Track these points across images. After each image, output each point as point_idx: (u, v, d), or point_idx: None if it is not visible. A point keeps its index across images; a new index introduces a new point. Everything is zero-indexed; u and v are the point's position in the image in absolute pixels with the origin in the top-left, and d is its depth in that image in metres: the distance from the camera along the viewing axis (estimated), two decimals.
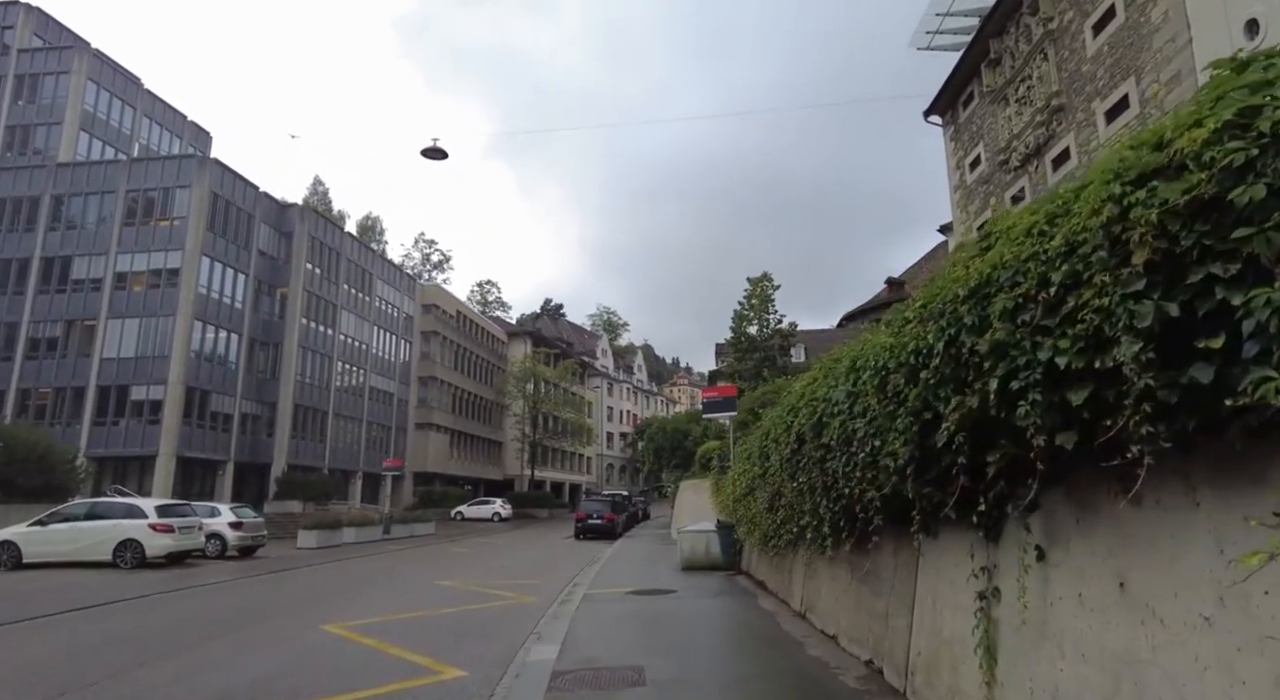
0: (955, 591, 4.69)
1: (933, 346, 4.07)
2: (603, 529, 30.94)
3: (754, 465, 11.60)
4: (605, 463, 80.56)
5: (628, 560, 19.35)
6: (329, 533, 27.25)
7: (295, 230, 41.12)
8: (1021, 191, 26.16)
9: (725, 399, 14.70)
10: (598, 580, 14.45)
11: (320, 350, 42.44)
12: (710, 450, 26.82)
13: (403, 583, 15.43)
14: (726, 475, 16.18)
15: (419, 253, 79.05)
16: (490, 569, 18.35)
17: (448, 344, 54.53)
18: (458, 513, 48.37)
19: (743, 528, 12.94)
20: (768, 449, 9.83)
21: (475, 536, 33.90)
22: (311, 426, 41.69)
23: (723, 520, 14.74)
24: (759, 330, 33.31)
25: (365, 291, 47.06)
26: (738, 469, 13.51)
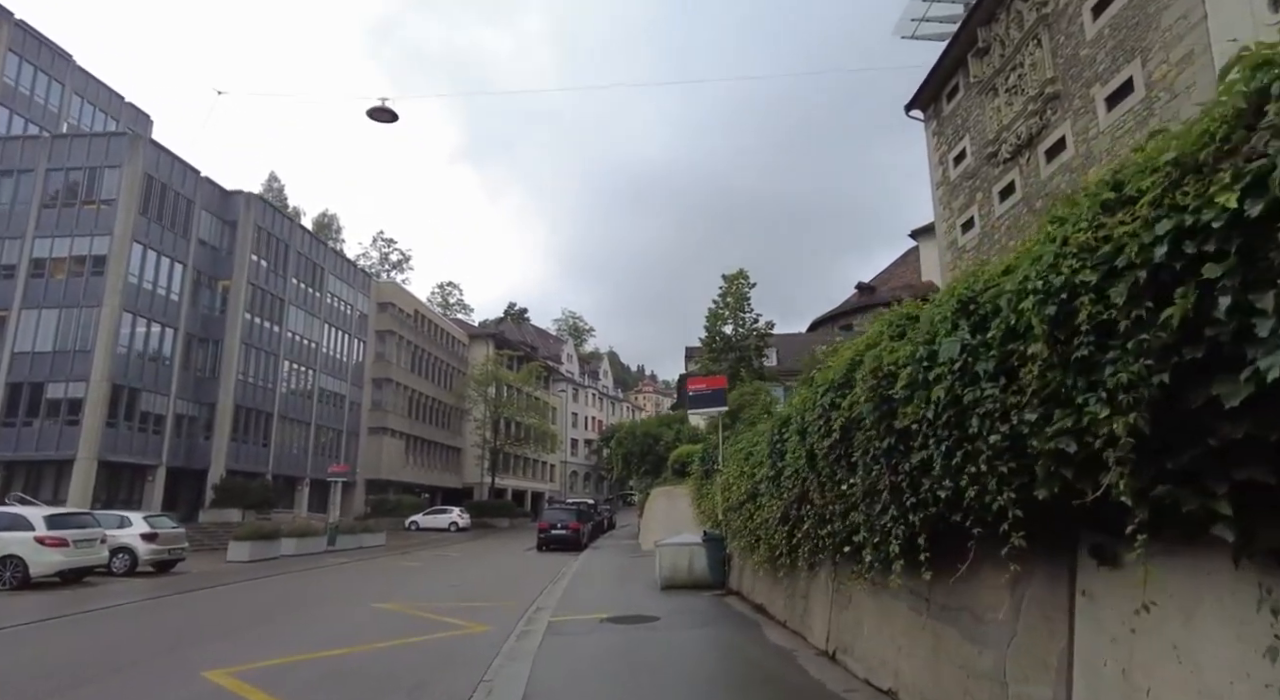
0: (1196, 659, 2.74)
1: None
2: (567, 540, 28.72)
3: (756, 467, 9.63)
4: (570, 470, 78.07)
5: (597, 576, 17.21)
6: (264, 544, 24.52)
7: (240, 219, 38.14)
8: (1011, 185, 24.86)
9: (715, 392, 12.75)
10: (564, 602, 12.30)
11: (265, 348, 39.43)
12: (686, 455, 24.82)
13: (334, 606, 13.07)
14: (713, 480, 14.21)
15: (377, 252, 76.02)
16: (440, 587, 16.05)
17: (404, 344, 51.72)
18: (412, 522, 45.55)
19: (739, 541, 10.94)
20: (783, 446, 7.86)
21: (429, 548, 31.34)
22: (254, 429, 38.61)
23: (710, 532, 12.73)
24: (734, 330, 31.57)
25: (316, 287, 44.14)
26: (731, 472, 11.54)
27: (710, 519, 14.20)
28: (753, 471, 9.87)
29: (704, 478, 15.14)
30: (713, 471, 14.33)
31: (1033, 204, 23.76)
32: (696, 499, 16.36)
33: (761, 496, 8.94)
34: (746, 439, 11.19)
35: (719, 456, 12.94)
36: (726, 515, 11.89)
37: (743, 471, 10.62)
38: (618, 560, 22.45)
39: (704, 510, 14.57)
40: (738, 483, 10.76)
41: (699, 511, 16.12)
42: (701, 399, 12.86)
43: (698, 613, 10.58)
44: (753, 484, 9.82)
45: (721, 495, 12.43)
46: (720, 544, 12.46)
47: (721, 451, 12.95)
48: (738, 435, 13.25)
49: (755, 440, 10.21)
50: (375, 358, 49.69)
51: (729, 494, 11.50)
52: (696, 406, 12.96)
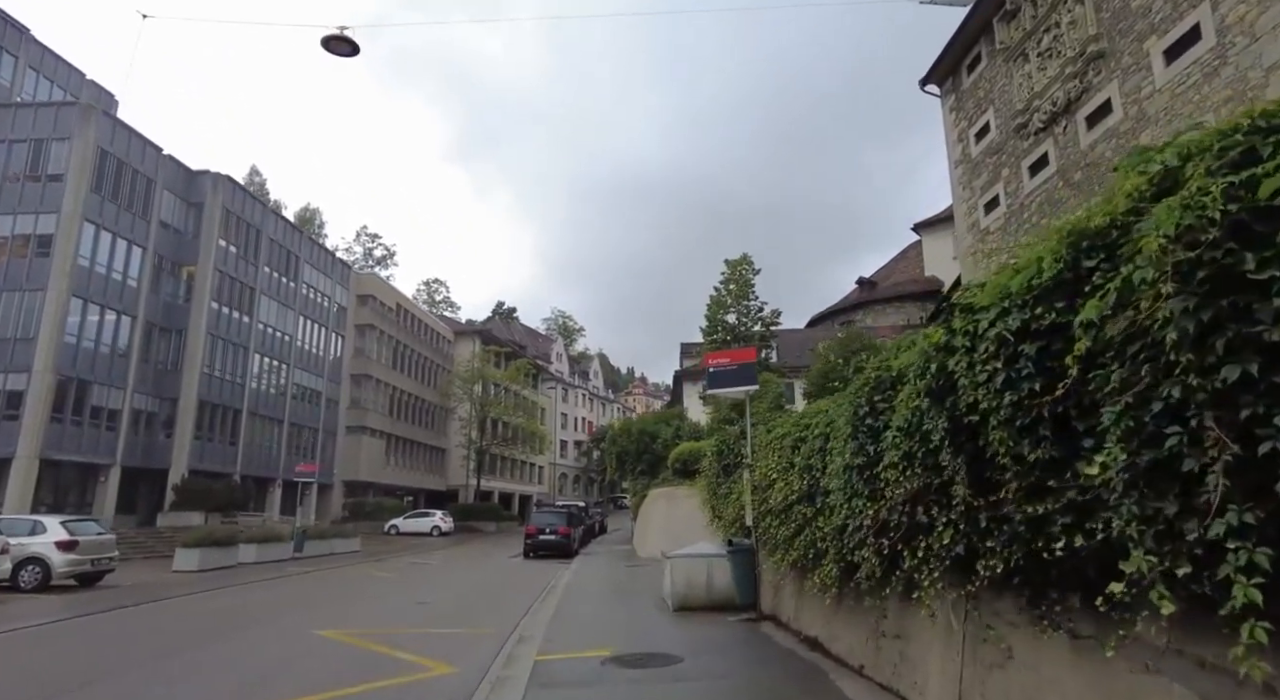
0: None
1: None
2: (557, 545, 26.07)
3: (813, 458, 7.11)
4: (559, 472, 75.27)
5: (592, 590, 14.61)
6: (217, 551, 21.71)
7: (206, 201, 35.24)
8: (1044, 157, 22.54)
9: (742, 367, 10.19)
10: (554, 629, 9.71)
11: (234, 340, 36.52)
12: (689, 452, 22.27)
13: (268, 633, 10.39)
14: (736, 478, 11.67)
15: (361, 247, 72.97)
16: (407, 606, 13.39)
17: (386, 339, 48.85)
18: (392, 526, 42.70)
19: (780, 554, 8.38)
20: (884, 418, 5.34)
21: (407, 555, 28.58)
22: (221, 427, 35.68)
23: (737, 541, 10.17)
24: (738, 318, 29.13)
25: (290, 276, 41.24)
26: (768, 467, 9.01)
27: (732, 525, 11.64)
28: (808, 463, 7.35)
29: (722, 476, 12.61)
30: (736, 467, 11.78)
31: (1070, 176, 21.46)
32: (710, 501, 13.82)
33: (832, 495, 6.40)
34: (791, 423, 8.66)
35: (748, 447, 10.39)
36: (762, 521, 9.36)
37: (790, 464, 8.09)
38: (614, 570, 19.85)
39: (724, 514, 12.03)
40: (782, 479, 8.22)
41: (714, 516, 13.58)
42: (725, 377, 10.31)
43: (732, 649, 8.02)
44: (808, 481, 7.30)
45: (751, 496, 9.88)
46: (750, 556, 9.91)
47: (751, 441, 10.40)
48: (770, 422, 10.72)
49: (812, 422, 7.69)
50: (354, 353, 46.79)
51: (766, 494, 8.97)
52: (719, 385, 10.41)
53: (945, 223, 47.36)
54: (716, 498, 13.05)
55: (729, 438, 12.72)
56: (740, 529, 11.10)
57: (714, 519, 13.92)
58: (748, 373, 10.36)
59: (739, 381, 10.37)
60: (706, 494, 14.17)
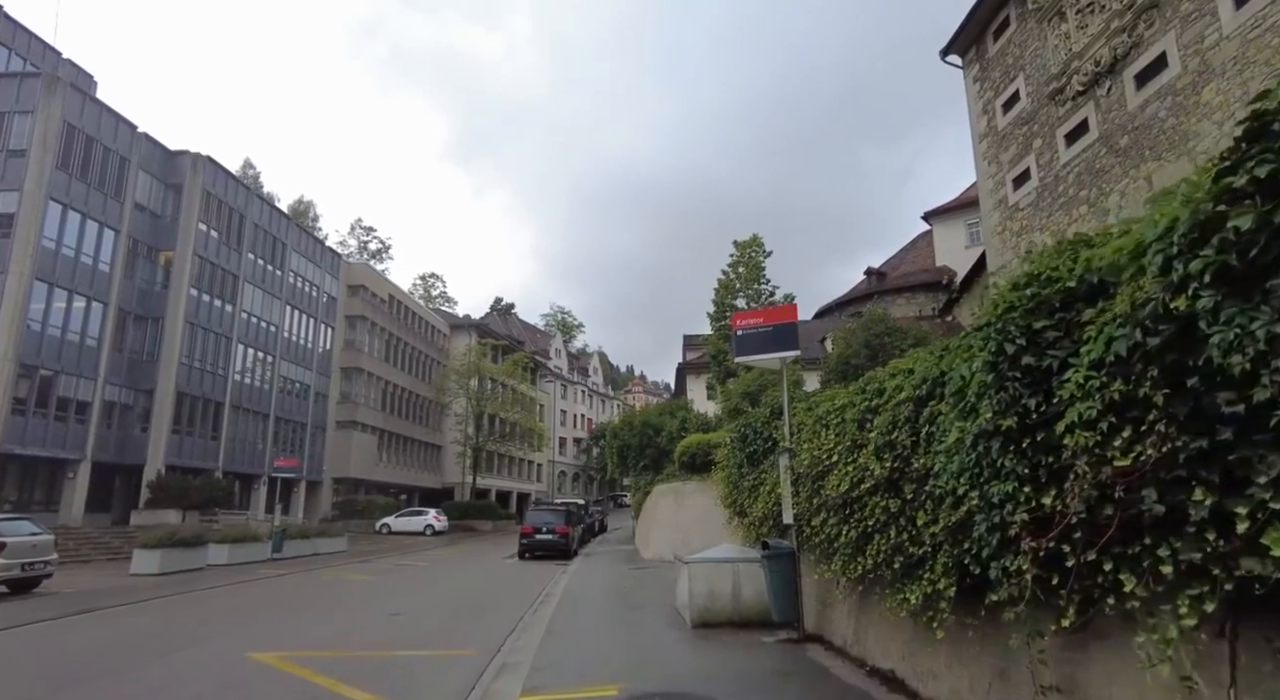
0: None
1: None
2: (554, 545, 24.06)
3: (889, 433, 5.11)
4: (558, 470, 73.19)
5: (594, 599, 12.59)
6: (182, 553, 19.69)
7: (185, 183, 33.15)
8: (1084, 124, 20.55)
9: (779, 328, 8.09)
10: (547, 652, 7.71)
11: (215, 329, 34.44)
12: (699, 444, 20.26)
13: (186, 659, 8.33)
14: (765, 468, 9.67)
15: (355, 240, 70.85)
16: (377, 618, 11.36)
17: (378, 332, 46.75)
18: (383, 525, 40.67)
19: (842, 563, 6.35)
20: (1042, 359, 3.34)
21: (394, 556, 26.55)
22: (201, 420, 33.62)
23: (775, 543, 8.14)
24: (748, 304, 27.10)
25: (276, 264, 39.15)
26: (818, 448, 7.01)
27: (762, 524, 9.62)
28: (889, 440, 5.34)
29: (746, 466, 10.59)
30: (766, 454, 9.76)
31: (1114, 142, 19.47)
32: (730, 497, 11.80)
33: (941, 480, 4.39)
34: (852, 392, 6.64)
35: (785, 428, 8.38)
36: (808, 518, 7.35)
37: (855, 443, 6.08)
38: (616, 573, 17.84)
39: (751, 511, 10.01)
40: (846, 464, 6.21)
41: (735, 514, 11.56)
42: (756, 340, 8.24)
43: (780, 686, 6.00)
44: (891, 463, 5.29)
45: (791, 489, 7.87)
46: (791, 562, 7.89)
47: (790, 421, 8.38)
48: (816, 398, 8.72)
49: (891, 383, 5.69)
50: (345, 345, 44.70)
51: (817, 485, 6.97)
52: (750, 351, 8.35)
53: (956, 211, 45.39)
54: (739, 492, 11.02)
55: (755, 420, 10.69)
56: (774, 529, 9.10)
57: (734, 517, 11.91)
58: (786, 335, 8.32)
59: (775, 345, 8.32)
60: (725, 488, 12.15)
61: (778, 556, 7.92)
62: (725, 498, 12.39)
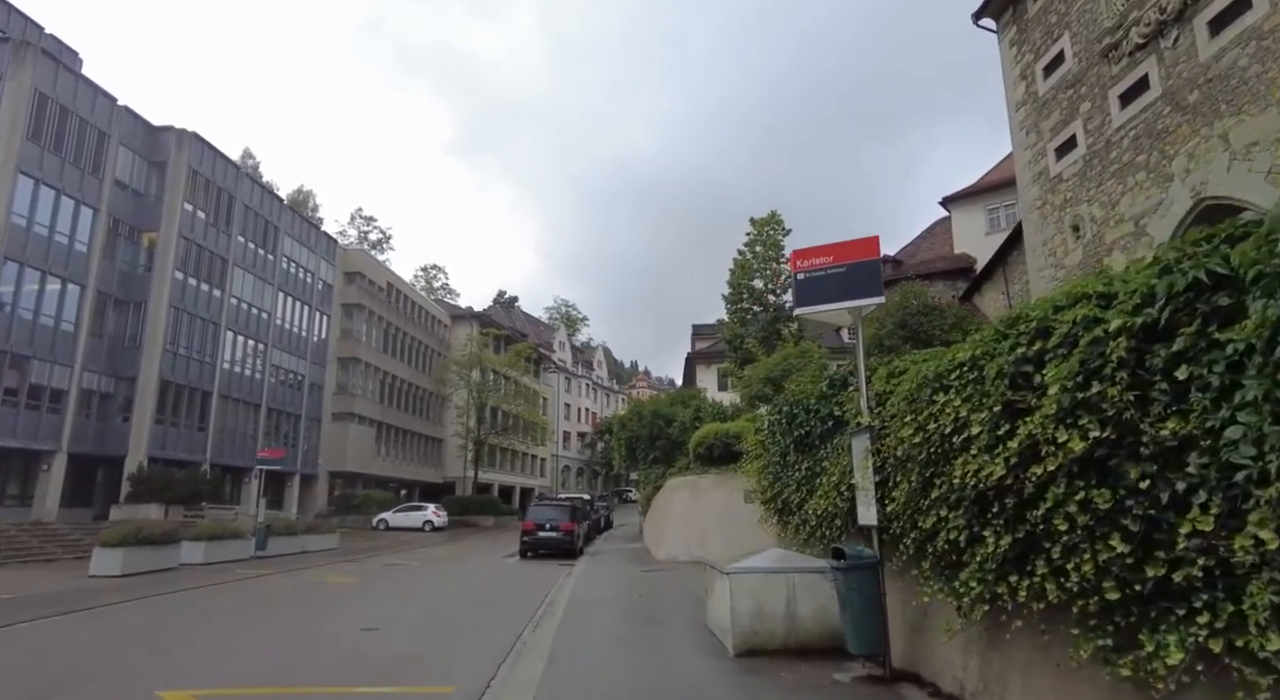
0: None
1: None
2: (558, 544, 22.09)
3: (1057, 388, 3.07)
4: (561, 465, 71.22)
5: (605, 612, 10.59)
6: (149, 552, 17.75)
7: (170, 160, 31.17)
8: (1143, 81, 18.41)
9: (856, 268, 5.96)
10: (549, 691, 5.73)
11: (202, 315, 32.49)
12: (717, 434, 18.26)
13: (95, 690, 6.41)
14: (825, 455, 7.64)
15: (355, 230, 68.84)
16: (345, 635, 9.38)
17: (376, 320, 44.76)
18: (381, 521, 38.74)
19: (979, 580, 4.34)
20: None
21: (387, 554, 24.61)
22: (188, 410, 31.68)
23: (854, 550, 6.10)
24: (766, 284, 25.07)
25: (268, 248, 37.15)
26: (921, 424, 5.00)
27: (820, 525, 7.60)
28: (1082, 398, 3.34)
29: (794, 453, 8.55)
30: (826, 437, 7.73)
31: (1181, 98, 17.37)
32: (767, 491, 9.78)
33: (1235, 448, 2.38)
34: (993, 341, 4.58)
35: (862, 401, 6.36)
36: (904, 517, 5.33)
37: (1005, 407, 4.06)
38: (628, 576, 15.85)
39: (805, 508, 7.98)
40: (980, 447, 4.20)
41: (776, 511, 9.55)
42: (823, 285, 6.18)
43: None
44: (1093, 432, 3.29)
45: (874, 479, 5.87)
46: (874, 575, 5.88)
47: (866, 392, 6.37)
48: (898, 361, 6.69)
49: (1068, 319, 3.67)
50: (341, 334, 42.72)
51: (927, 475, 4.95)
52: (814, 300, 6.33)
53: (976, 196, 43.21)
54: (783, 486, 9.01)
55: (807, 395, 8.64)
56: (840, 530, 7.08)
57: (772, 515, 9.90)
58: (864, 277, 6.28)
59: (849, 291, 6.29)
60: (762, 482, 10.13)
61: (859, 568, 5.90)
62: (761, 492, 10.38)
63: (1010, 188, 42.25)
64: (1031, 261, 24.01)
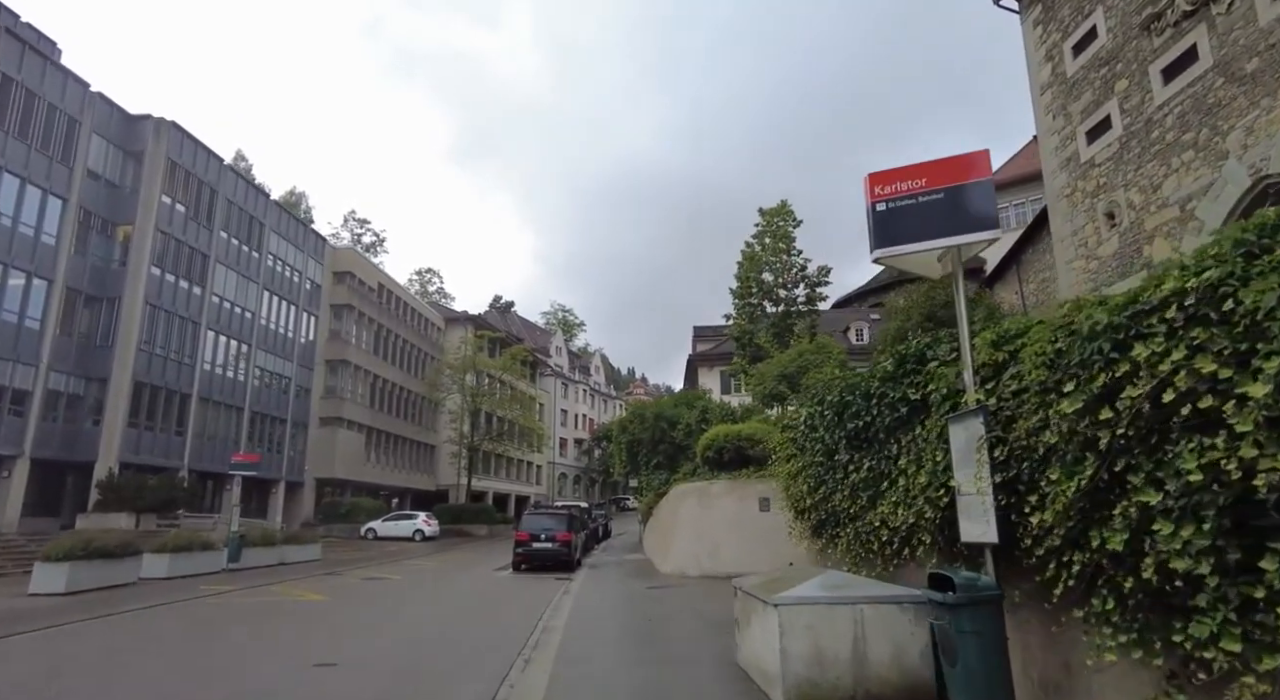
0: None
1: None
2: (554, 556, 20.28)
3: None
4: (558, 472, 69.29)
5: (611, 645, 8.79)
6: (102, 566, 15.88)
7: (147, 150, 29.46)
8: (1191, 52, 16.87)
9: (959, 193, 4.43)
10: None
11: (181, 313, 30.69)
12: (728, 436, 16.52)
13: None
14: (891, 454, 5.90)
15: (348, 233, 67.15)
16: (287, 677, 7.54)
17: (366, 322, 42.96)
18: (369, 530, 36.76)
19: (1223, 632, 2.62)
20: None
21: (371, 566, 22.76)
22: (164, 414, 29.82)
23: (964, 577, 4.37)
24: (776, 277, 23.39)
25: (253, 245, 35.40)
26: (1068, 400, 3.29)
27: (895, 544, 5.85)
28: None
29: (845, 451, 6.82)
30: (896, 430, 5.98)
31: (1237, 68, 15.78)
32: (807, 499, 8.05)
33: None
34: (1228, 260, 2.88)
35: (968, 374, 4.64)
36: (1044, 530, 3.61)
37: None
38: (633, 594, 14.06)
39: (865, 522, 6.23)
40: None
41: (806, 523, 7.82)
42: (913, 217, 4.57)
43: None
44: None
45: (992, 480, 4.15)
46: (997, 612, 4.14)
47: (970, 360, 4.66)
48: (1005, 324, 4.98)
49: None
50: (330, 336, 40.91)
51: (1052, 470, 3.22)
52: (901, 236, 4.63)
53: None
54: (828, 490, 7.27)
55: (864, 380, 6.89)
56: (932, 549, 5.34)
57: (806, 526, 8.16)
58: (973, 205, 4.57)
59: (951, 224, 4.58)
60: (799, 487, 8.39)
61: (977, 605, 4.15)
62: (793, 501, 8.63)
63: (1019, 186, 40.84)
64: (1060, 253, 22.30)
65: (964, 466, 4.61)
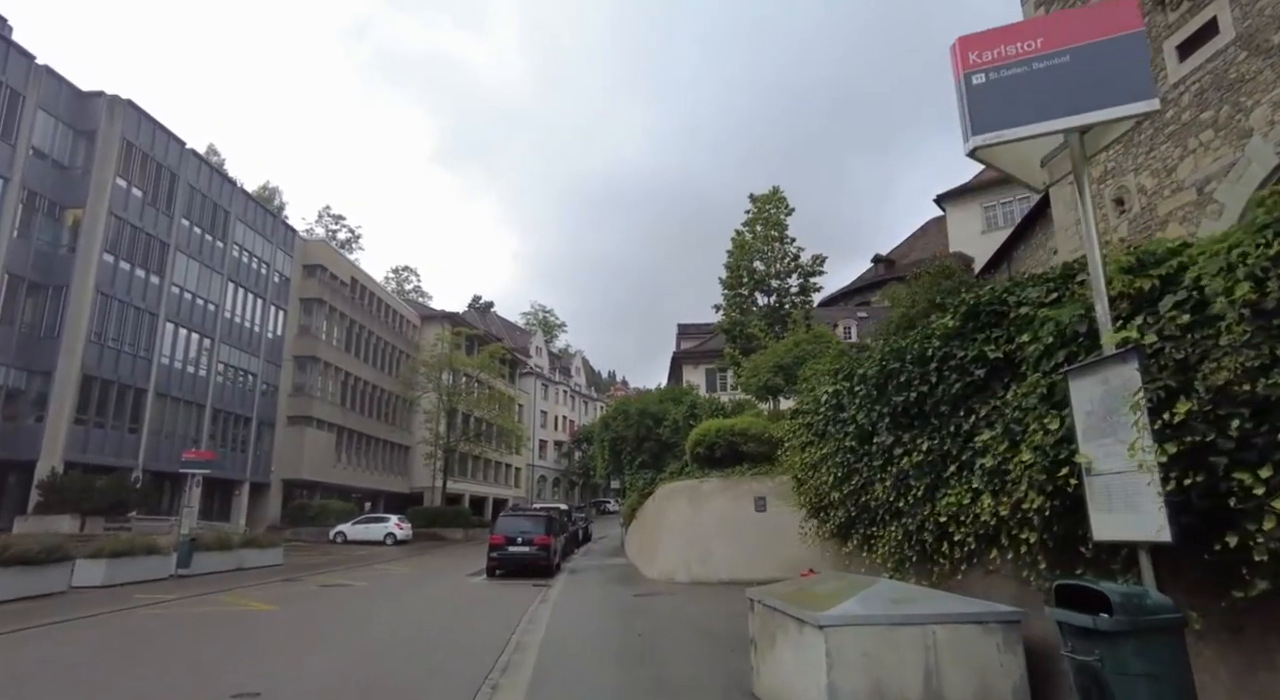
0: None
1: None
2: (532, 561, 18.75)
3: None
4: (537, 475, 67.52)
5: (594, 665, 7.31)
6: (19, 574, 14.08)
7: (100, 129, 27.54)
8: (1211, 25, 15.81)
9: (1094, 53, 3.16)
10: None
11: (137, 304, 28.73)
12: (720, 431, 15.16)
13: None
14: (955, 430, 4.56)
15: (323, 228, 64.95)
16: None
17: (338, 317, 41.06)
18: (339, 534, 34.90)
19: None
20: None
21: (335, 571, 21.06)
22: (117, 410, 27.83)
23: (1121, 591, 3.04)
24: (768, 267, 22.12)
25: (217, 234, 33.47)
26: None
27: (963, 540, 4.49)
28: None
29: (889, 431, 5.47)
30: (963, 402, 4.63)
31: (1263, 40, 14.76)
32: (828, 494, 6.70)
33: None
34: None
35: (1099, 307, 3.30)
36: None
37: None
38: (619, 604, 12.60)
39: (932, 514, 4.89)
40: None
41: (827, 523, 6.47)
42: (1029, 90, 3.36)
43: None
44: None
45: (1155, 449, 2.80)
46: (1179, 643, 2.79)
47: (1104, 289, 3.32)
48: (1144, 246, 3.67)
49: None
50: (299, 331, 38.98)
51: None
52: (1007, 116, 3.39)
53: (973, 193, 41.12)
54: (862, 480, 5.92)
55: (919, 339, 5.56)
56: (1038, 552, 3.99)
57: (826, 526, 6.79)
58: (1120, 66, 3.28)
59: (1083, 96, 3.25)
60: (818, 480, 7.04)
61: (1149, 632, 2.79)
62: (815, 497, 7.26)
63: (1009, 184, 40.01)
64: (1063, 243, 21.23)
65: (1096, 436, 3.26)
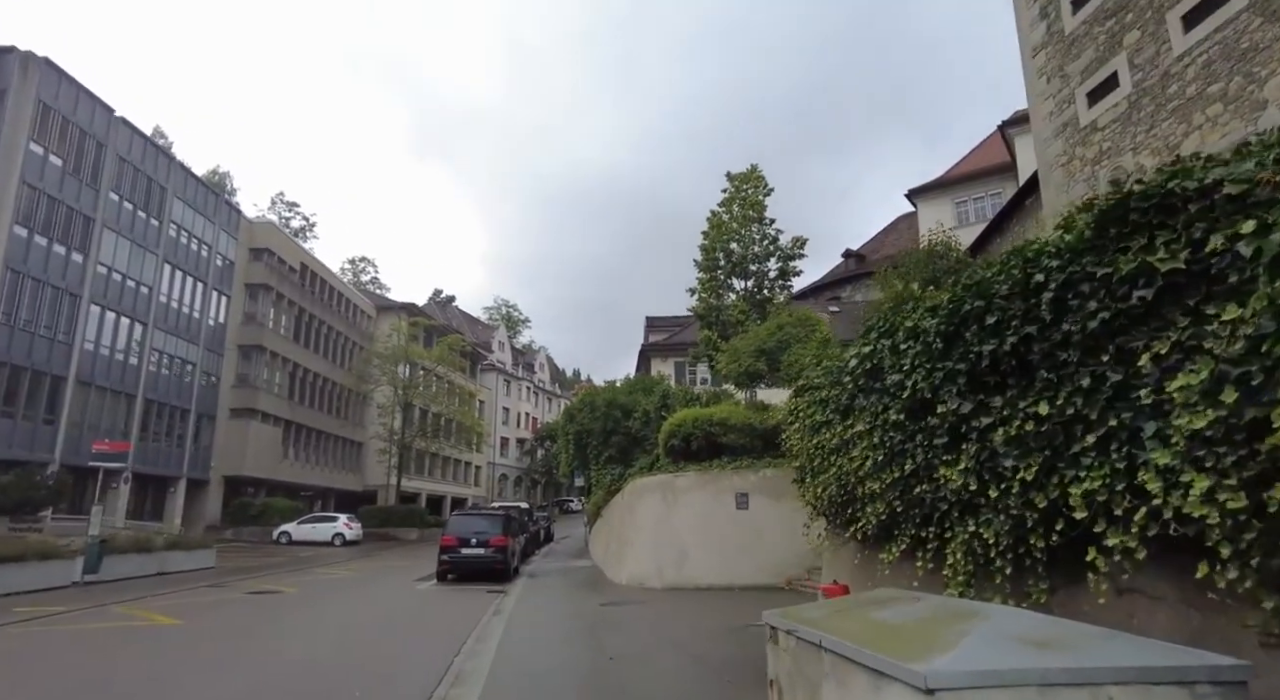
0: None
1: None
2: (487, 564, 16.92)
3: None
4: (498, 473, 65.28)
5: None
6: None
7: (11, 89, 24.79)
8: None
9: None
10: None
11: (55, 283, 26.01)
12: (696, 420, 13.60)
13: None
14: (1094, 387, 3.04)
15: (276, 215, 61.72)
16: None
17: (286, 305, 38.45)
18: (282, 534, 32.49)
19: None
20: None
21: (268, 576, 18.93)
22: (29, 399, 25.11)
23: None
24: (745, 250, 20.66)
25: (151, 212, 30.76)
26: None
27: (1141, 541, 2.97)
28: None
29: (961, 397, 3.98)
30: (1142, 321, 3.12)
31: (1278, 6, 13.85)
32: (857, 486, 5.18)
33: None
34: None
35: None
36: None
37: None
38: (585, 616, 10.92)
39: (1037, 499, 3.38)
40: None
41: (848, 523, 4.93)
42: None
43: None
44: None
45: None
46: None
47: None
48: None
49: None
50: (244, 318, 36.32)
51: None
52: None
53: (945, 188, 40.50)
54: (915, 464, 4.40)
55: (1013, 269, 4.04)
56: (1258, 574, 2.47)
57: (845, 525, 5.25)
58: None
59: None
60: (851, 466, 5.50)
61: None
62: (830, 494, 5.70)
63: (982, 179, 39.25)
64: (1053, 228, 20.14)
65: None
